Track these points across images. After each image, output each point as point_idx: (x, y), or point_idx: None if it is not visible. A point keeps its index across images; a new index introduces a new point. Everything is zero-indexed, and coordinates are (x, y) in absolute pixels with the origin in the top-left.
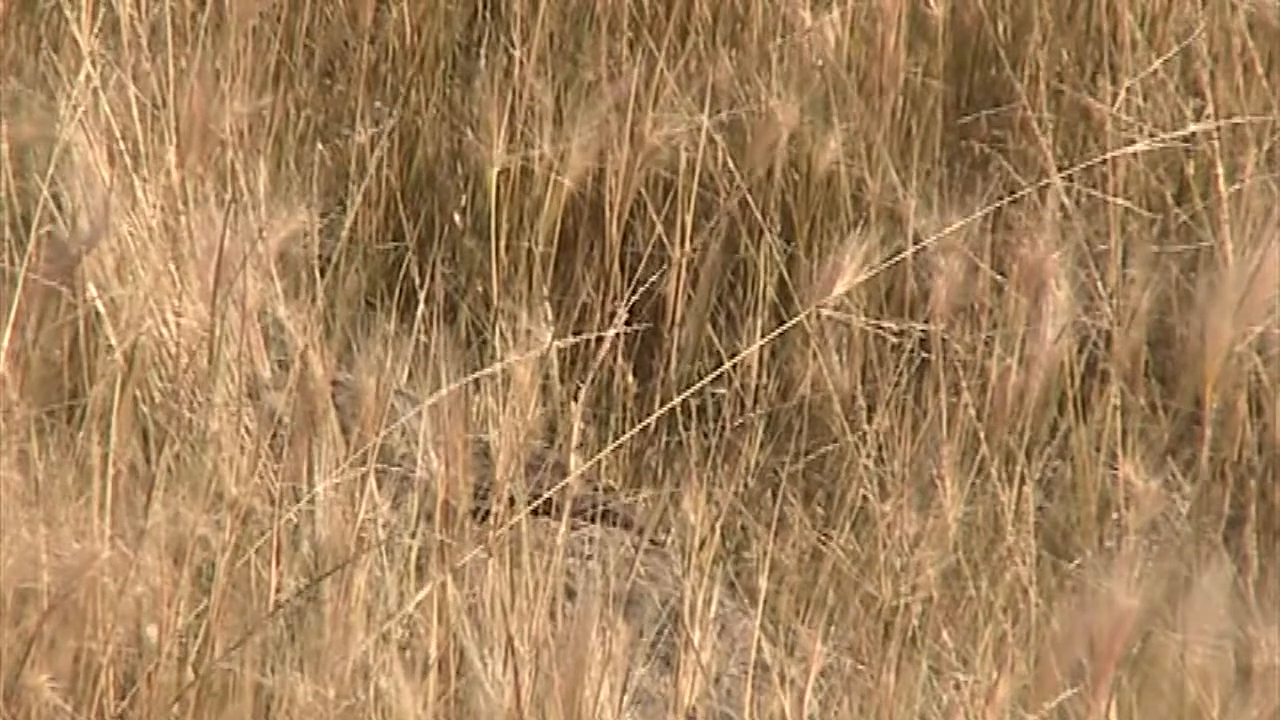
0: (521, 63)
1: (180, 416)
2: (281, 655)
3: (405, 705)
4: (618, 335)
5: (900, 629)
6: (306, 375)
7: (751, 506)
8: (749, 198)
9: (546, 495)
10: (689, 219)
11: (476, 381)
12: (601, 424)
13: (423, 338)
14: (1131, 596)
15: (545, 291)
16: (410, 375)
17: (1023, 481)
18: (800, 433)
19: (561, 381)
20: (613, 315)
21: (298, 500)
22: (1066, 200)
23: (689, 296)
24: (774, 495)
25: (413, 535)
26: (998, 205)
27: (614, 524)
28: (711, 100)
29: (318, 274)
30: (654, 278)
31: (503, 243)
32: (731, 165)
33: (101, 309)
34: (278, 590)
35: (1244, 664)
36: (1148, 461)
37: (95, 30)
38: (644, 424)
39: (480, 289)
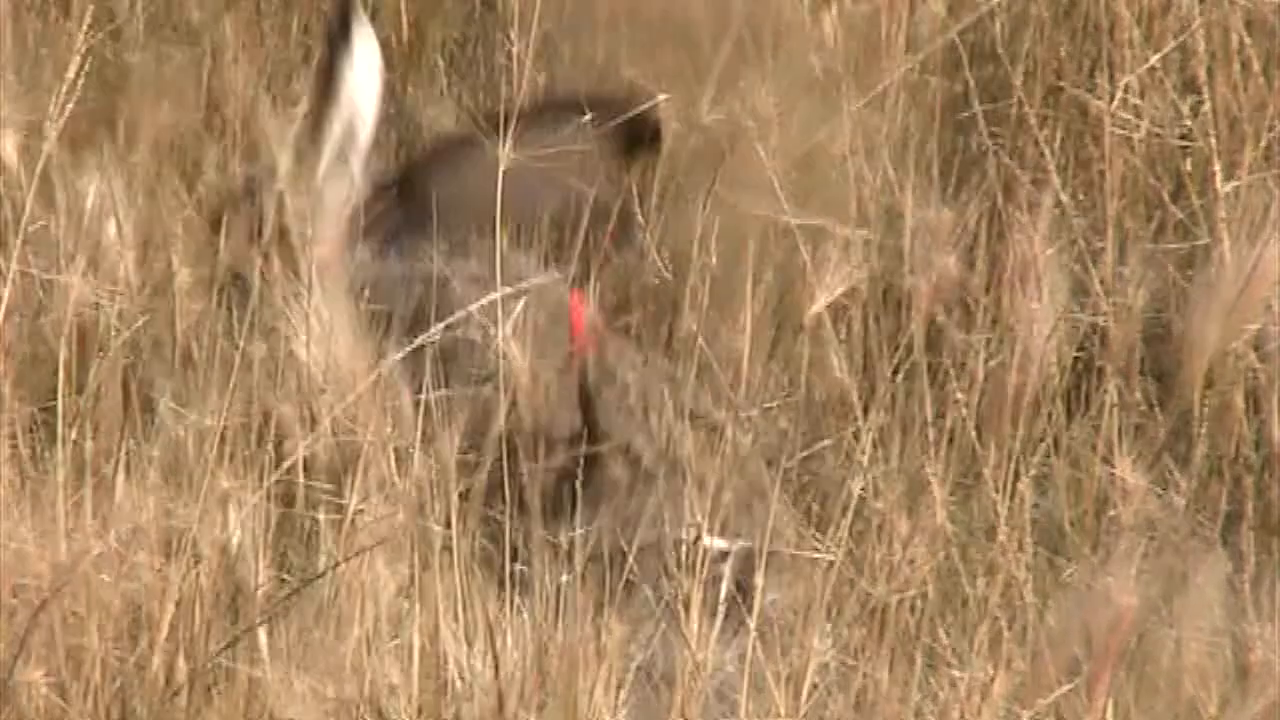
0: (519, 59)
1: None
2: (275, 651)
3: (399, 701)
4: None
5: (896, 626)
6: None
7: None
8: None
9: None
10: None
11: None
12: None
13: None
14: (1128, 594)
15: None
16: None
17: (1018, 478)
18: (796, 429)
19: None
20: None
21: None
22: (1063, 197)
23: (689, 292)
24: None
25: (406, 532)
26: (994, 202)
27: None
28: (709, 97)
29: None
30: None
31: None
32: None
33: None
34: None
35: (1240, 660)
36: (1144, 458)
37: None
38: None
39: None
